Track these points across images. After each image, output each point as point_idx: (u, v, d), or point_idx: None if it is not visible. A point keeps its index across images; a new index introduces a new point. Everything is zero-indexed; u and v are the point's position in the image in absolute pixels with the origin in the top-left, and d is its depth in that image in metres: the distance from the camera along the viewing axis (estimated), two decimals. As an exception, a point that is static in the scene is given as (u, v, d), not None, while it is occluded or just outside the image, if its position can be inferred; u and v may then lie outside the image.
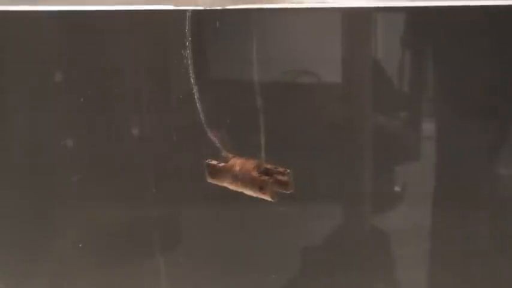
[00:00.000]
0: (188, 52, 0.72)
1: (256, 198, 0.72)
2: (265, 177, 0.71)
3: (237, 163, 0.73)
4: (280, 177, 0.71)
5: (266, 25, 0.72)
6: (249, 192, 0.72)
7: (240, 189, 0.73)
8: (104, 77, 0.82)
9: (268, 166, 0.72)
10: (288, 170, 0.71)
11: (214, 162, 0.75)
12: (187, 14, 0.71)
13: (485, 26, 0.68)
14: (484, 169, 0.73)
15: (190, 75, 0.74)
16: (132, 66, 0.79)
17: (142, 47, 0.78)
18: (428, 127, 0.74)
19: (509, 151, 0.72)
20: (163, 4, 0.71)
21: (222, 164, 0.74)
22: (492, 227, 0.76)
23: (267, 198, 0.71)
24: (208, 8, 0.69)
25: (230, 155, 0.75)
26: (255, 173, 0.72)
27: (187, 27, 0.71)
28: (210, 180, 0.75)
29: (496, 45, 0.68)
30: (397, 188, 0.77)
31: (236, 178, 0.73)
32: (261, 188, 0.71)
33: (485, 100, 0.71)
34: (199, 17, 0.71)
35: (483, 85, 0.71)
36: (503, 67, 0.69)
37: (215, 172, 0.74)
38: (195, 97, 0.74)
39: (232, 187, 0.74)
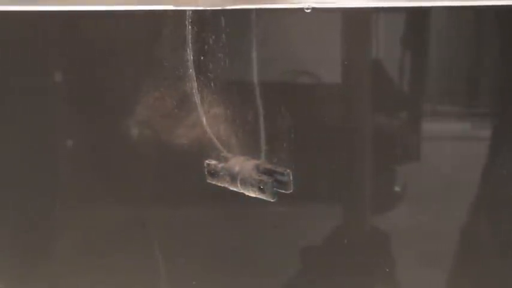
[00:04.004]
0: (188, 52, 0.72)
1: (256, 198, 0.72)
2: (265, 177, 0.71)
3: (237, 163, 0.73)
4: (280, 177, 0.71)
5: (266, 25, 0.72)
6: (249, 192, 0.73)
7: (240, 189, 0.73)
8: (104, 77, 0.82)
9: (268, 166, 0.72)
10: (288, 170, 0.71)
11: (214, 162, 0.75)
12: (187, 14, 0.71)
13: (485, 26, 0.68)
14: (484, 169, 0.73)
15: (191, 75, 0.74)
16: (132, 66, 0.79)
17: (142, 47, 0.78)
18: (428, 127, 0.74)
19: (509, 151, 0.72)
20: (163, 4, 0.71)
21: (222, 164, 0.74)
22: (492, 227, 0.76)
23: (267, 198, 0.71)
24: (208, 8, 0.69)
25: (230, 155, 0.75)
26: (255, 173, 0.72)
27: (187, 27, 0.71)
28: (210, 180, 0.76)
29: (496, 45, 0.68)
30: (397, 188, 0.77)
31: (236, 178, 0.73)
32: (261, 188, 0.71)
33: (486, 100, 0.71)
34: (199, 17, 0.71)
35: (483, 85, 0.71)
36: (504, 67, 0.69)
37: (215, 172, 0.75)
38: (196, 97, 0.74)
39: (232, 187, 0.74)
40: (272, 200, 0.71)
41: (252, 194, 0.72)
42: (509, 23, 0.66)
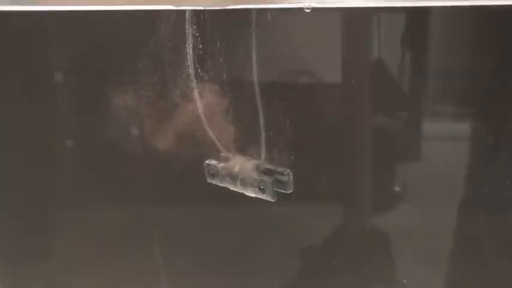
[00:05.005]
0: (188, 52, 0.72)
1: (256, 198, 0.72)
2: (265, 177, 0.71)
3: (237, 163, 0.73)
4: (280, 177, 0.71)
5: (266, 25, 0.72)
6: (249, 192, 0.73)
7: (240, 189, 0.73)
8: (104, 76, 0.82)
9: (268, 166, 0.72)
10: (288, 170, 0.71)
11: (214, 162, 0.75)
12: (187, 14, 0.71)
13: (485, 26, 0.68)
14: (484, 169, 0.73)
15: (191, 75, 0.74)
16: (131, 66, 0.79)
17: (143, 47, 0.78)
18: (428, 127, 0.74)
19: (509, 151, 0.72)
20: (163, 4, 0.71)
21: (222, 164, 0.74)
22: (492, 227, 0.76)
23: (267, 198, 0.71)
24: (208, 8, 0.69)
25: (230, 155, 0.75)
26: (255, 173, 0.72)
27: (187, 27, 0.71)
28: (210, 180, 0.76)
29: (496, 45, 0.68)
30: (397, 188, 0.77)
31: (236, 178, 0.73)
32: (261, 188, 0.71)
33: (486, 100, 0.71)
34: (200, 16, 0.71)
35: (483, 85, 0.71)
36: (503, 67, 0.69)
37: (215, 172, 0.75)
38: (196, 97, 0.74)
39: (232, 187, 0.74)
40: (272, 200, 0.71)
41: (252, 194, 0.72)
42: (509, 23, 0.66)
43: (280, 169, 0.71)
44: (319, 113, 0.76)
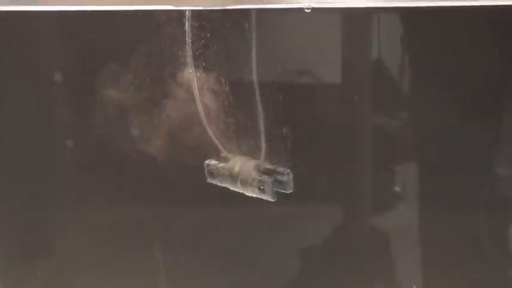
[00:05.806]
0: (188, 52, 0.72)
1: (256, 198, 0.72)
2: (265, 177, 0.71)
3: (237, 163, 0.73)
4: (280, 177, 0.71)
5: (266, 25, 0.72)
6: (249, 192, 0.73)
7: (240, 189, 0.73)
8: (104, 76, 0.82)
9: (268, 166, 0.72)
10: (288, 170, 0.71)
11: (214, 162, 0.75)
12: (187, 14, 0.71)
13: (485, 26, 0.68)
14: (484, 169, 0.73)
15: (191, 75, 0.74)
16: (131, 66, 0.79)
17: (142, 47, 0.78)
18: (428, 127, 0.74)
19: (508, 151, 0.72)
20: (163, 4, 0.71)
21: (222, 164, 0.74)
22: (492, 227, 0.76)
23: (267, 198, 0.71)
24: (208, 8, 0.69)
25: (230, 155, 0.75)
26: (255, 173, 0.72)
27: (187, 27, 0.71)
28: (210, 180, 0.76)
29: (495, 45, 0.68)
30: (397, 188, 0.77)
31: (236, 178, 0.73)
32: (261, 188, 0.71)
33: (485, 100, 0.71)
34: (199, 17, 0.71)
35: (483, 85, 0.71)
36: (503, 67, 0.69)
37: (215, 172, 0.75)
38: (195, 97, 0.74)
39: (232, 187, 0.74)
40: (272, 200, 0.71)
41: (252, 194, 0.72)
42: (509, 23, 0.66)
43: (280, 169, 0.71)
44: (319, 113, 0.76)
